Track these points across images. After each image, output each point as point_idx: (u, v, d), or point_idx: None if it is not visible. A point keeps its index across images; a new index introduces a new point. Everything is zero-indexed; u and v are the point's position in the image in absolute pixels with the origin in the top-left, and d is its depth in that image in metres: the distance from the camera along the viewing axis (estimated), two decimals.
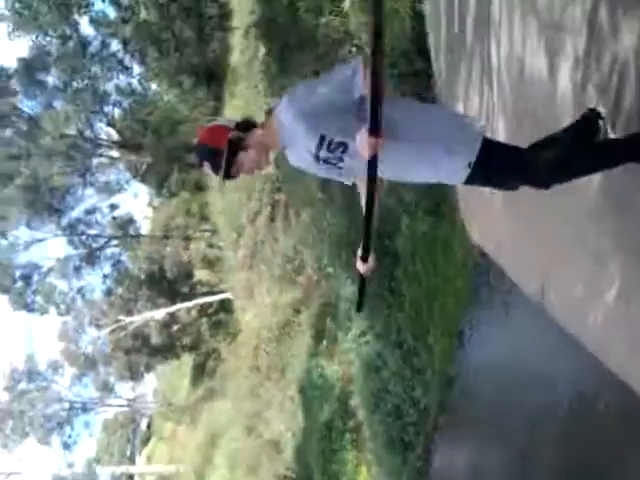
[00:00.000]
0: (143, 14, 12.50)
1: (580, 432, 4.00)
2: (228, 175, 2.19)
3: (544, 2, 3.43)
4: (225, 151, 2.10)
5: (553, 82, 3.44)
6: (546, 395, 4.46)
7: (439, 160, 2.23)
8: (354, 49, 6.54)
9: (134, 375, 30.21)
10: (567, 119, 3.39)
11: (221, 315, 26.86)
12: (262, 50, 11.58)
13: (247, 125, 2.22)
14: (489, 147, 2.26)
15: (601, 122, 2.66)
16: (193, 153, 2.54)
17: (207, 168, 2.20)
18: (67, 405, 30.50)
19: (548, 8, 3.37)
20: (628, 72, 2.65)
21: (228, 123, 2.22)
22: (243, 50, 14.22)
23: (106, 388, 32.17)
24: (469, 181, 2.31)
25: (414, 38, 5.96)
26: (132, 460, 40.14)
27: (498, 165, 2.30)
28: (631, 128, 2.65)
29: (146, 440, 41.25)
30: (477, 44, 4.66)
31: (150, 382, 39.99)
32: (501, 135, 4.51)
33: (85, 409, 31.99)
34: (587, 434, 3.91)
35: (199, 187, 23.51)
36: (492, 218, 5.07)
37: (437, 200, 6.68)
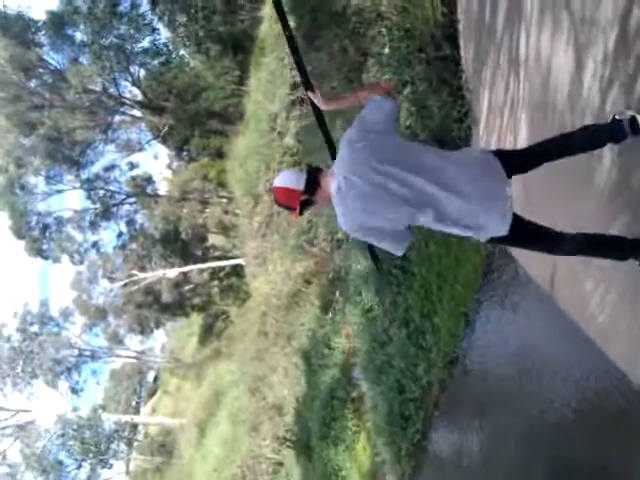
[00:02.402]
0: None
1: (577, 419, 4.12)
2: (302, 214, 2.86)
3: None
4: (298, 209, 2.77)
5: (580, 77, 3.40)
6: (546, 382, 4.57)
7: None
8: (384, 29, 6.48)
9: (144, 329, 30.72)
10: (589, 116, 3.39)
11: (232, 279, 27.06)
12: (291, 24, 11.41)
13: (313, 175, 2.74)
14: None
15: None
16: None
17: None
18: (76, 352, 31.05)
19: (581, 3, 3.31)
20: None
21: (297, 183, 2.72)
22: (272, 22, 14.02)
23: (115, 339, 32.70)
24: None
25: (444, 24, 5.90)
26: (137, 410, 40.81)
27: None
28: None
29: (152, 392, 42.03)
30: (507, 34, 4.59)
31: (159, 337, 40.70)
32: (524, 126, 4.51)
33: (94, 357, 32.59)
34: (584, 422, 4.04)
35: (219, 154, 23.48)
36: None
37: None
